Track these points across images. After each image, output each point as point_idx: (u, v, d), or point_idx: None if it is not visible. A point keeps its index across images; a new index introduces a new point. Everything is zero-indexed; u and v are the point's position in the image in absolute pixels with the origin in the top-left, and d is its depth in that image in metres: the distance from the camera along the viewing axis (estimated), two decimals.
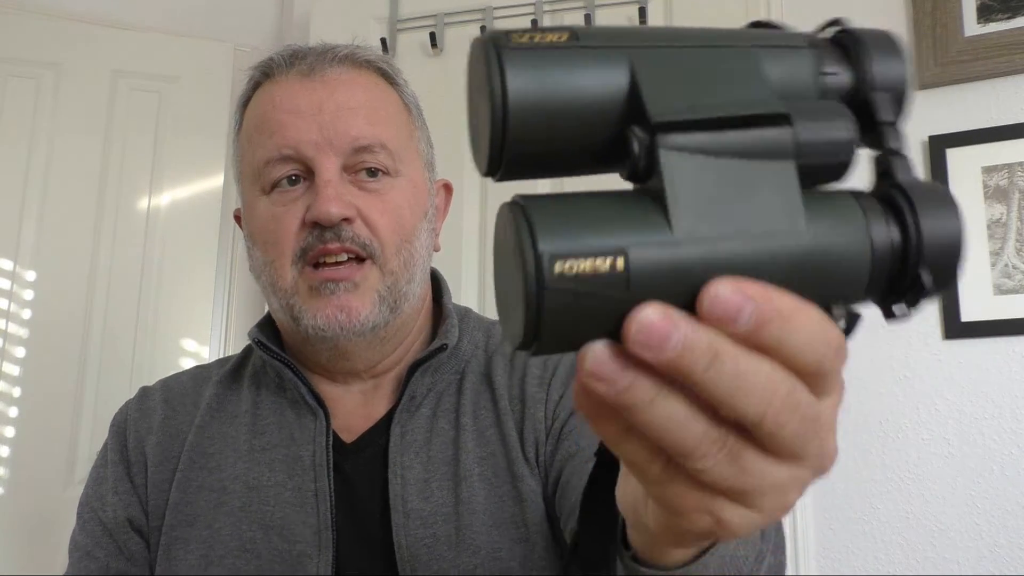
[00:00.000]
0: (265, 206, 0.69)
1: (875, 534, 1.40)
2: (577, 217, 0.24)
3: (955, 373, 1.40)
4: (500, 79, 0.25)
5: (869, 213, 0.27)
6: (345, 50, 0.72)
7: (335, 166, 0.67)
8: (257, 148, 0.70)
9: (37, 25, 1.86)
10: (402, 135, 0.72)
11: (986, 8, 1.47)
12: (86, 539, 0.71)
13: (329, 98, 0.68)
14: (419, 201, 0.72)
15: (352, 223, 0.66)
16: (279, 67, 0.71)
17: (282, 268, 0.67)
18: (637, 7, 1.60)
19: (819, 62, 0.31)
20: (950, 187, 1.44)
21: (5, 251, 1.76)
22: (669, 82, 0.26)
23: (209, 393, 0.75)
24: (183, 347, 1.81)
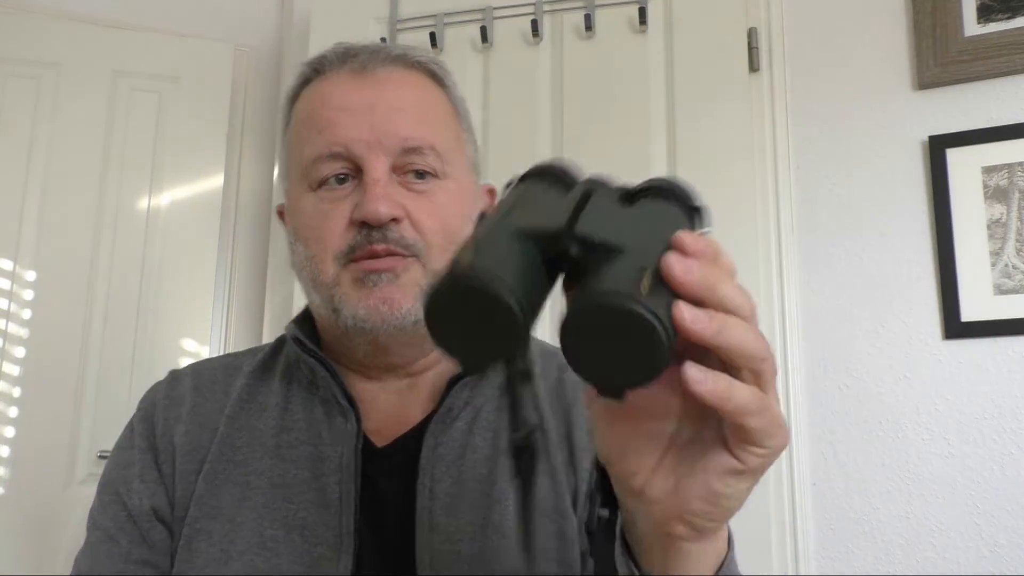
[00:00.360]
0: (312, 202, 0.69)
1: (875, 534, 1.40)
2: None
3: (955, 373, 1.40)
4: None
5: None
6: (397, 50, 0.72)
7: (384, 166, 0.66)
8: (306, 144, 0.70)
9: (37, 25, 1.86)
10: (450, 137, 0.72)
11: (986, 8, 1.47)
12: (108, 522, 0.69)
13: (380, 97, 0.68)
14: (466, 204, 0.71)
15: (399, 223, 0.66)
16: (331, 64, 0.71)
17: (324, 263, 0.67)
18: (637, 7, 1.60)
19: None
20: (950, 187, 1.44)
21: (5, 251, 1.76)
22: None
23: (240, 383, 0.74)
24: (183, 347, 1.81)
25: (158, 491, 0.69)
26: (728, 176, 1.51)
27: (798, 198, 1.55)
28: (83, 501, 1.69)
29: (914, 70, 1.51)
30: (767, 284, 1.49)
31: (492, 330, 0.35)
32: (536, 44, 1.66)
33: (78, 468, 1.71)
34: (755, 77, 1.56)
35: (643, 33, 1.61)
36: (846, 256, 1.51)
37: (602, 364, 0.34)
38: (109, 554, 0.67)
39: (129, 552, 0.67)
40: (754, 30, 1.56)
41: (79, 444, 1.72)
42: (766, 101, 1.56)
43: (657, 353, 0.33)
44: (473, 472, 0.66)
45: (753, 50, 1.55)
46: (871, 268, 1.49)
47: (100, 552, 0.68)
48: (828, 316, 1.50)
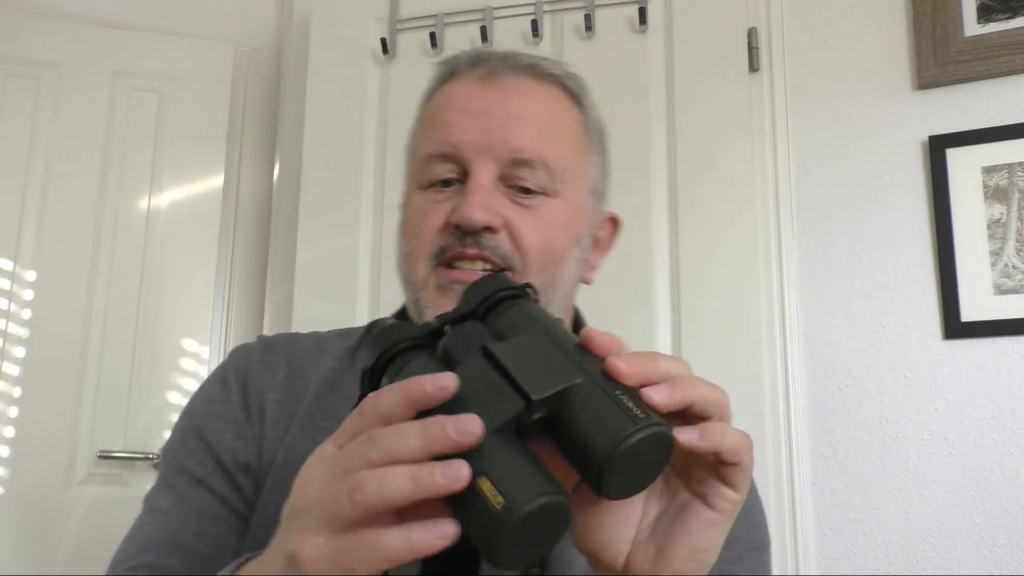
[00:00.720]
0: (418, 200, 0.69)
1: (875, 534, 1.40)
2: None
3: (955, 373, 1.40)
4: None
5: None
6: (529, 59, 0.71)
7: (490, 173, 0.65)
8: (424, 141, 0.70)
9: (37, 25, 1.86)
10: (571, 156, 0.70)
11: (986, 8, 1.47)
12: (196, 466, 0.67)
13: (501, 104, 0.67)
14: (573, 225, 0.69)
15: (496, 233, 0.64)
16: (462, 67, 0.71)
17: (416, 262, 0.67)
18: (637, 7, 1.60)
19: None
20: (950, 187, 1.44)
21: (5, 251, 1.76)
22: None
23: (327, 365, 0.73)
24: (183, 347, 1.81)
25: (251, 451, 0.68)
26: (728, 176, 1.51)
27: (798, 198, 1.55)
28: (83, 501, 1.70)
29: (914, 70, 1.51)
30: (767, 284, 1.49)
31: (548, 534, 0.37)
32: (536, 44, 1.66)
33: (78, 468, 1.71)
34: (755, 77, 1.56)
35: (643, 33, 1.61)
36: (846, 256, 1.51)
37: (629, 485, 0.39)
38: (200, 496, 0.65)
39: (224, 498, 0.66)
40: (754, 30, 1.56)
41: (79, 444, 1.72)
42: (766, 101, 1.56)
43: (667, 454, 0.39)
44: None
45: (753, 50, 1.55)
46: (871, 268, 1.49)
47: (189, 494, 0.65)
48: (828, 316, 1.50)
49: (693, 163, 1.54)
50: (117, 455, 1.72)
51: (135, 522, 0.66)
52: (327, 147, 1.73)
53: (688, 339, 1.47)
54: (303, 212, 1.71)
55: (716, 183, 1.51)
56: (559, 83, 0.71)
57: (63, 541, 1.67)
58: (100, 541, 1.68)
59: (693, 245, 1.51)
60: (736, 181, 1.51)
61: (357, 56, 1.75)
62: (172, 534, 0.63)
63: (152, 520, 0.64)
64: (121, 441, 1.74)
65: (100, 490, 1.71)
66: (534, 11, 1.66)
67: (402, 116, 1.70)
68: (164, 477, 0.68)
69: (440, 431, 0.36)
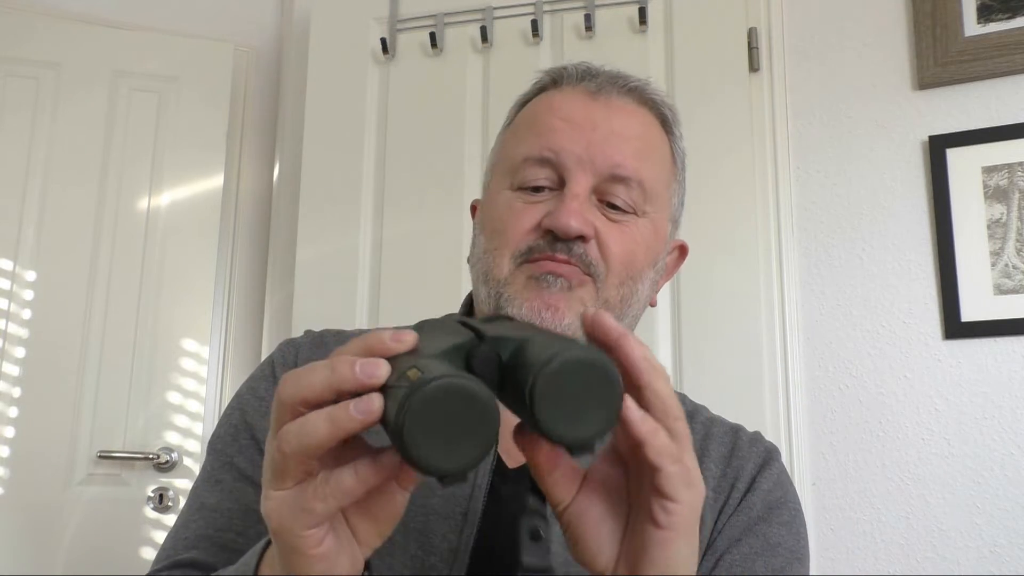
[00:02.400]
0: (507, 199, 0.69)
1: (875, 534, 1.40)
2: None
3: (955, 373, 1.40)
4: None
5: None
6: (636, 82, 0.73)
7: (588, 184, 0.66)
8: (521, 143, 0.70)
9: (37, 25, 1.86)
10: (661, 181, 0.71)
11: (986, 8, 1.47)
12: (244, 463, 0.67)
13: (605, 120, 0.69)
14: (655, 247, 0.71)
15: (586, 243, 0.65)
16: (569, 78, 0.72)
17: (501, 259, 0.67)
18: (637, 7, 1.60)
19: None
20: (950, 187, 1.44)
21: (5, 251, 1.76)
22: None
23: None
24: (183, 347, 1.81)
25: None
26: (728, 176, 1.51)
27: (798, 198, 1.55)
28: (83, 501, 1.70)
29: (914, 70, 1.51)
30: (767, 284, 1.49)
31: (471, 427, 0.37)
32: (536, 44, 1.66)
33: (78, 468, 1.71)
34: (755, 77, 1.56)
35: (643, 33, 1.61)
36: (846, 256, 1.51)
37: (572, 419, 0.39)
38: (246, 493, 0.66)
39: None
40: (754, 30, 1.56)
41: (79, 444, 1.72)
42: (766, 101, 1.56)
43: (615, 393, 0.39)
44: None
45: (753, 50, 1.55)
46: (871, 268, 1.49)
47: (236, 491, 0.66)
48: (828, 316, 1.50)
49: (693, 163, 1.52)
50: (117, 455, 1.72)
51: (182, 515, 0.67)
52: (327, 147, 1.73)
53: (688, 339, 1.47)
54: (303, 212, 1.71)
55: (716, 183, 1.51)
56: (657, 110, 0.73)
57: (63, 541, 1.67)
58: (100, 541, 1.68)
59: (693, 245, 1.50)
60: (736, 181, 1.51)
61: (357, 56, 1.75)
62: (217, 532, 0.64)
63: (200, 517, 0.65)
64: (121, 441, 1.74)
65: (100, 490, 1.71)
66: (534, 11, 1.66)
67: (402, 116, 1.72)
68: (212, 471, 0.69)
69: (347, 368, 0.39)
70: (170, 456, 1.74)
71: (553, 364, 0.38)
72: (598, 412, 0.39)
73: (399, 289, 1.63)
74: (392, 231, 1.66)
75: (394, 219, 1.66)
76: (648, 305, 0.73)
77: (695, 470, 0.43)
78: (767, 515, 0.67)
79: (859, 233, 1.51)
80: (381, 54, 1.73)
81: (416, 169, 1.67)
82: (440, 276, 1.59)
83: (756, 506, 0.68)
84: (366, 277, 1.66)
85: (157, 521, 1.72)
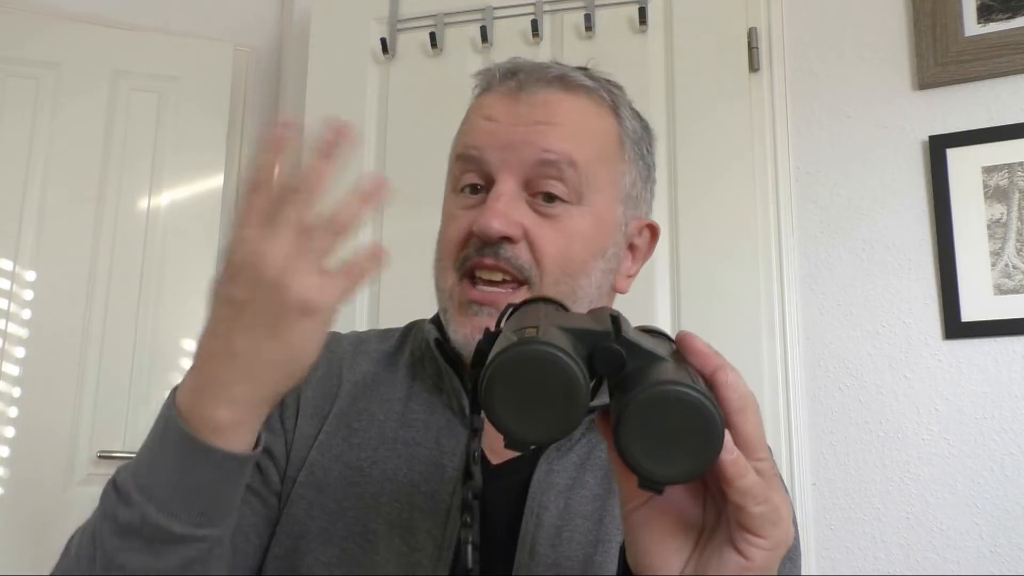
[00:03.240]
0: (449, 204, 0.70)
1: (875, 534, 1.40)
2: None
3: (955, 373, 1.40)
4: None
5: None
6: (559, 71, 0.71)
7: (512, 182, 0.66)
8: (455, 145, 0.72)
9: (37, 25, 1.86)
10: (599, 161, 0.69)
11: (986, 8, 1.47)
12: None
13: (529, 114, 0.68)
14: (598, 236, 0.69)
15: (515, 244, 0.65)
16: (493, 79, 0.72)
17: (445, 271, 0.68)
18: (637, 7, 1.60)
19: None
20: (950, 187, 1.44)
21: (5, 251, 1.76)
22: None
23: (365, 368, 0.73)
24: (183, 347, 1.81)
25: (278, 441, 0.68)
26: (728, 176, 1.51)
27: (798, 198, 1.55)
28: (83, 501, 1.69)
29: (914, 70, 1.51)
30: (767, 284, 1.49)
31: (552, 404, 0.37)
32: (536, 44, 1.66)
33: (78, 468, 1.71)
34: (755, 77, 1.56)
35: (643, 33, 1.61)
36: (846, 256, 1.51)
37: (657, 454, 0.37)
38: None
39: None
40: (754, 30, 1.56)
41: (79, 444, 1.72)
42: (766, 101, 1.56)
43: (714, 442, 0.37)
44: (581, 507, 0.65)
45: (753, 50, 1.55)
46: (871, 268, 1.49)
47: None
48: (828, 316, 1.50)
49: (693, 163, 1.54)
50: (117, 455, 1.72)
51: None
52: None
53: None
54: None
55: (716, 183, 1.51)
56: (592, 94, 0.71)
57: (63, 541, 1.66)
58: None
59: (693, 245, 1.51)
60: (736, 181, 1.51)
61: (357, 56, 1.75)
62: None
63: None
64: (121, 441, 1.74)
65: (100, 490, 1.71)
66: (534, 11, 1.66)
67: (402, 116, 1.72)
68: None
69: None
70: None
71: (654, 392, 0.36)
72: (686, 459, 0.37)
73: (399, 289, 1.63)
74: (392, 231, 1.66)
75: (394, 219, 1.66)
76: (614, 292, 0.72)
77: (783, 507, 0.41)
78: None
79: (859, 233, 1.50)
80: (381, 54, 1.73)
81: (416, 169, 1.67)
82: None
83: None
84: None
85: None
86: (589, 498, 0.66)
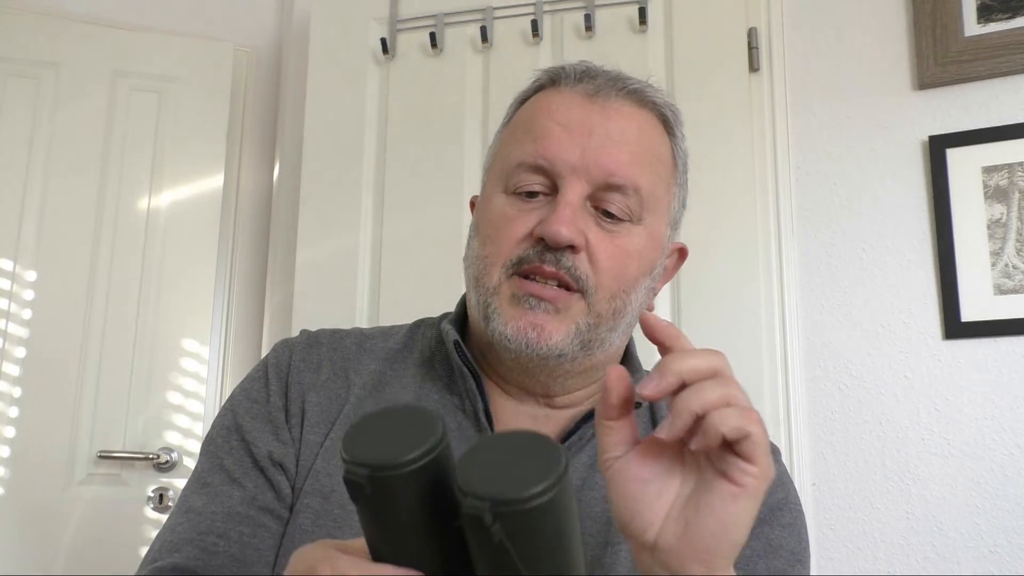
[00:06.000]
0: (501, 204, 0.69)
1: (875, 534, 1.40)
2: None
3: (955, 373, 1.40)
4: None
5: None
6: (636, 84, 0.72)
7: (581, 192, 0.66)
8: (516, 146, 0.70)
9: (37, 25, 1.86)
10: (659, 186, 0.71)
11: (986, 8, 1.47)
12: (233, 464, 0.67)
13: (602, 124, 0.68)
14: (650, 255, 0.70)
15: (577, 253, 0.65)
16: (568, 78, 0.71)
17: (492, 267, 0.67)
18: (637, 7, 1.60)
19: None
20: (950, 187, 1.44)
21: (5, 251, 1.76)
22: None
23: (372, 367, 0.72)
24: (183, 347, 1.81)
25: (289, 452, 0.68)
26: (728, 176, 1.51)
27: (798, 198, 1.55)
28: (83, 501, 1.70)
29: (914, 70, 1.51)
30: (767, 284, 1.49)
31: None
32: (536, 44, 1.66)
33: (78, 468, 1.71)
34: (755, 77, 1.56)
35: (643, 33, 1.61)
36: (846, 256, 1.51)
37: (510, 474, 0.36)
38: (231, 496, 0.66)
39: (255, 496, 0.66)
40: (754, 30, 1.56)
41: (79, 444, 1.72)
42: (766, 101, 1.56)
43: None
44: (590, 509, 0.65)
45: (753, 50, 1.55)
46: (871, 268, 1.49)
47: (222, 494, 0.66)
48: (828, 316, 1.50)
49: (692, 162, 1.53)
50: (117, 455, 1.72)
51: (171, 516, 0.67)
52: (327, 147, 1.73)
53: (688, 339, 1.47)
54: (303, 212, 1.71)
55: (716, 183, 1.51)
56: (658, 111, 0.72)
57: (63, 541, 1.67)
58: (100, 541, 1.68)
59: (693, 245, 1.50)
60: (736, 181, 1.51)
61: (357, 56, 1.75)
62: (200, 536, 0.64)
63: (186, 520, 0.65)
64: (121, 441, 1.74)
65: (100, 490, 1.71)
66: (534, 11, 1.66)
67: (402, 116, 1.72)
68: (202, 472, 0.68)
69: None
70: (170, 456, 1.74)
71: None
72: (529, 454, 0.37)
73: (399, 289, 1.63)
74: (392, 231, 1.66)
75: (394, 219, 1.66)
76: (647, 310, 0.73)
77: (765, 438, 0.45)
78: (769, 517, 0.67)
79: (859, 233, 1.51)
80: (381, 54, 1.73)
81: (416, 169, 1.67)
82: (440, 276, 1.59)
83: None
84: (366, 277, 1.66)
85: (157, 521, 1.72)
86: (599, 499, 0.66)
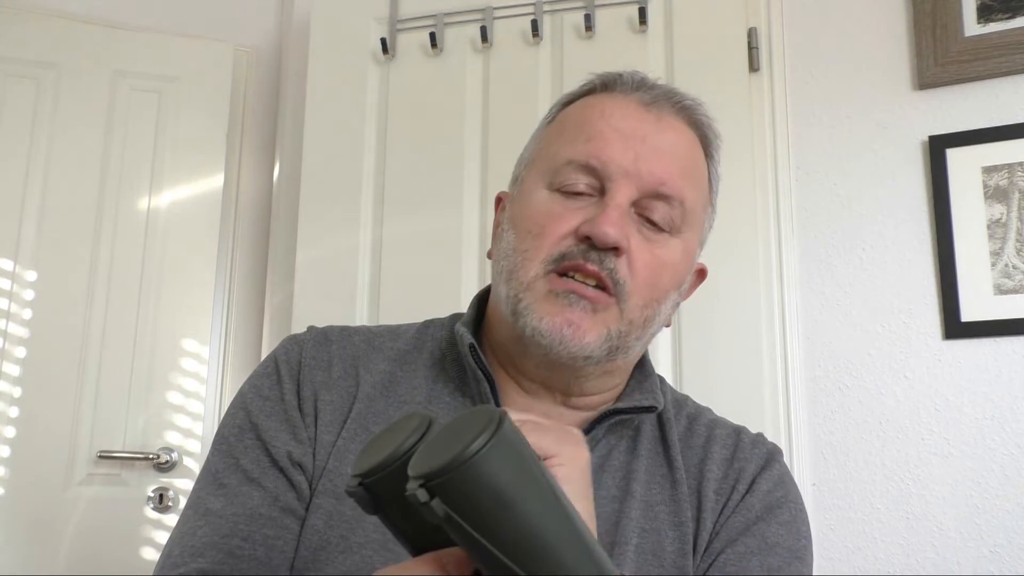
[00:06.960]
0: (545, 199, 0.68)
1: (875, 534, 1.40)
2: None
3: (955, 373, 1.40)
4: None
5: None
6: (689, 101, 0.72)
7: (629, 196, 0.66)
8: (565, 144, 0.70)
9: (37, 25, 1.86)
10: (699, 203, 0.71)
11: (986, 8, 1.47)
12: (250, 464, 0.67)
13: (656, 134, 0.68)
14: (682, 269, 0.70)
15: (619, 256, 0.65)
16: (624, 85, 0.72)
17: (531, 261, 0.66)
18: (637, 7, 1.60)
19: None
20: (950, 187, 1.44)
21: (5, 251, 1.76)
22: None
23: (382, 367, 0.72)
24: (183, 347, 1.81)
25: (306, 452, 0.67)
26: (728, 176, 1.51)
27: (798, 198, 1.55)
28: (83, 501, 1.70)
29: (914, 70, 1.51)
30: (767, 284, 1.49)
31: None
32: (536, 44, 1.66)
33: (78, 468, 1.71)
34: (755, 77, 1.56)
35: (643, 33, 1.61)
36: (846, 256, 1.51)
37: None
38: (251, 496, 0.65)
39: (276, 496, 0.66)
40: (754, 30, 1.56)
41: (79, 444, 1.72)
42: (766, 101, 1.56)
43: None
44: (598, 510, 0.65)
45: (753, 50, 1.55)
46: (871, 268, 1.49)
47: (241, 494, 0.65)
48: (828, 316, 1.50)
49: None
50: (117, 455, 1.72)
51: (187, 518, 0.66)
52: (327, 147, 1.73)
53: (688, 339, 1.47)
54: (303, 212, 1.71)
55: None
56: (702, 132, 0.73)
57: (63, 541, 1.67)
58: (100, 541, 1.68)
59: None
60: (736, 181, 1.51)
61: (357, 56, 1.75)
62: (223, 539, 0.63)
63: (206, 523, 0.64)
64: (121, 441, 1.74)
65: (100, 490, 1.71)
66: (534, 11, 1.66)
67: (402, 116, 1.72)
68: (217, 473, 0.67)
69: None
70: (170, 456, 1.74)
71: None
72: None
73: (399, 289, 1.63)
74: (392, 231, 1.66)
75: (394, 219, 1.66)
76: (664, 326, 0.73)
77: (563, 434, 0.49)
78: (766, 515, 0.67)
79: (859, 233, 1.51)
80: (381, 54, 1.73)
81: (416, 169, 1.67)
82: (440, 276, 1.59)
83: (755, 507, 0.68)
84: (366, 277, 1.66)
85: (157, 521, 1.72)
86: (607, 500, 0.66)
